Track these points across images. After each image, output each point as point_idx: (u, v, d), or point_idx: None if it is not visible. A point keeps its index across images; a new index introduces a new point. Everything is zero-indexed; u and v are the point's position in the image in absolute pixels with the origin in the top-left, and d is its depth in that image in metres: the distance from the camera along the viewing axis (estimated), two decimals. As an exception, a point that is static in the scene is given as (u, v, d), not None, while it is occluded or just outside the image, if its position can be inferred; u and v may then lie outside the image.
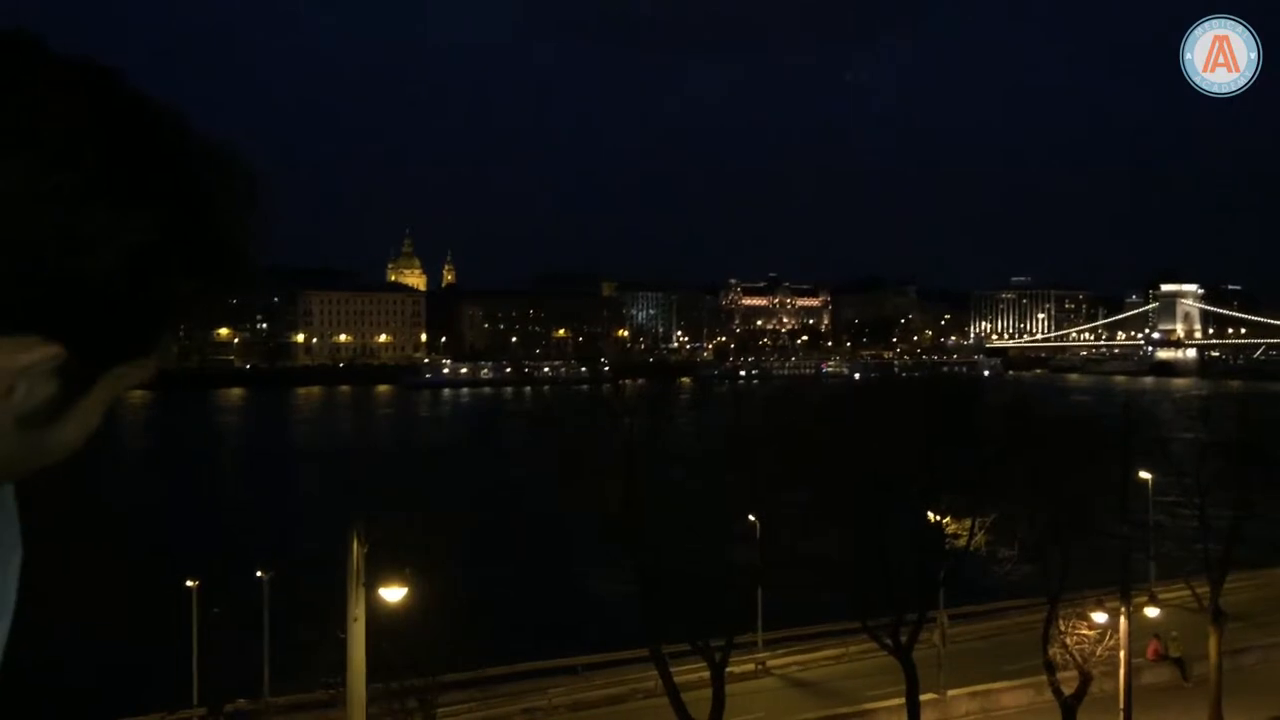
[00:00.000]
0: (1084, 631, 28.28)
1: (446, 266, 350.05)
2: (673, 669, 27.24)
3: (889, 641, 28.66)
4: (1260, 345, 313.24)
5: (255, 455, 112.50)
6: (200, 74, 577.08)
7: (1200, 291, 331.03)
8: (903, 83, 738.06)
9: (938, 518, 28.24)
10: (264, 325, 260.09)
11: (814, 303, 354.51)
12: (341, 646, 17.74)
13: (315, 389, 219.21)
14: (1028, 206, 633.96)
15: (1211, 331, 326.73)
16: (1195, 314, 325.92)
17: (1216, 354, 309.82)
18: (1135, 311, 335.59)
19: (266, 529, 57.38)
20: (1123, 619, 29.15)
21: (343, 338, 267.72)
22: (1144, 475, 37.21)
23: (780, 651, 36.44)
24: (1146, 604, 36.27)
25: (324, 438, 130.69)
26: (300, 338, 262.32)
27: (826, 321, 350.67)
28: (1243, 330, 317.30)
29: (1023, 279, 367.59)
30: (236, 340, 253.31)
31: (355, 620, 17.39)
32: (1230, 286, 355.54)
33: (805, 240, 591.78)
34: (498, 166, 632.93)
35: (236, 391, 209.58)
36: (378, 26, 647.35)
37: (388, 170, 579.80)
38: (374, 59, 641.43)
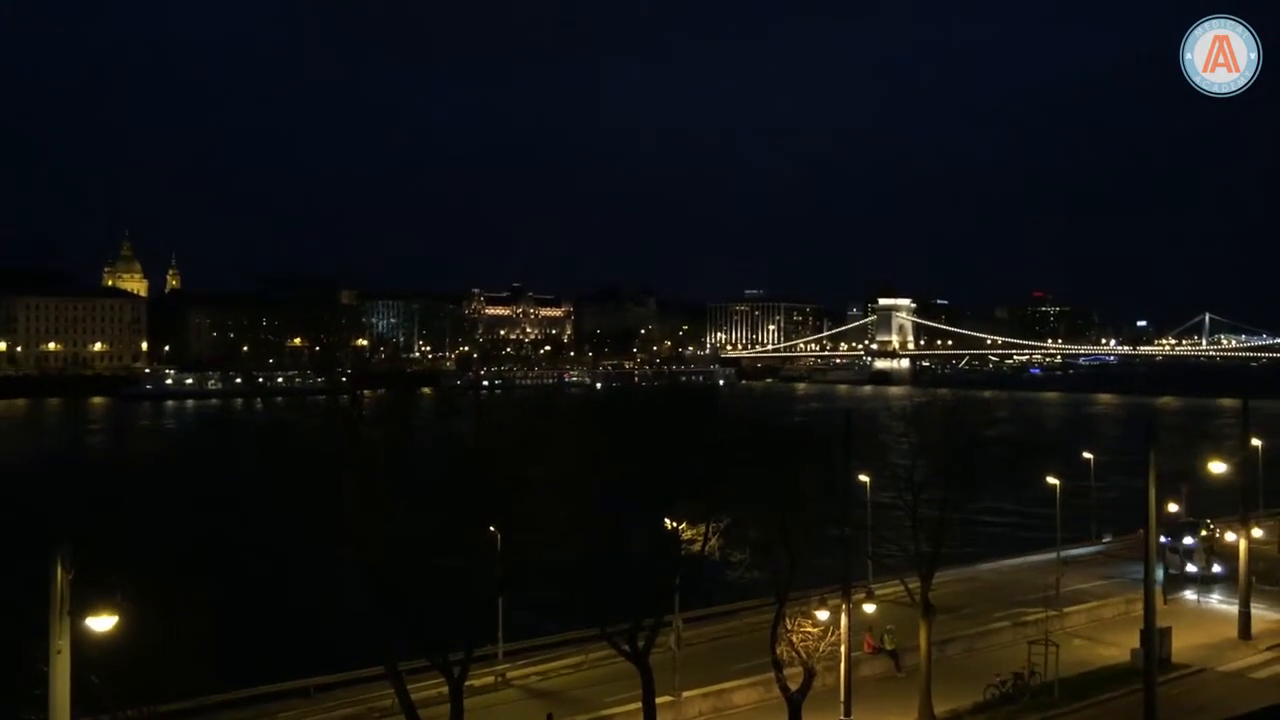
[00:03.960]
0: (808, 629, 29.61)
1: (171, 271, 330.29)
2: (410, 686, 26.66)
3: (626, 647, 29.11)
4: (964, 356, 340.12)
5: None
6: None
7: (913, 305, 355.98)
8: (635, 95, 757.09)
9: (673, 524, 28.92)
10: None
11: (556, 313, 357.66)
12: (44, 681, 16.36)
13: (20, 401, 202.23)
14: (764, 220, 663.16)
15: (923, 343, 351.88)
16: (909, 326, 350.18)
17: (927, 364, 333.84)
18: (856, 324, 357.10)
19: (-42, 555, 52.31)
20: (844, 615, 30.79)
21: (52, 346, 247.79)
22: (863, 478, 39.54)
23: (521, 662, 36.38)
24: (865, 600, 38.46)
25: (26, 454, 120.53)
26: (2, 346, 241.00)
27: (569, 331, 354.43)
28: (949, 342, 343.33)
29: (755, 292, 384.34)
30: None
31: (59, 653, 16.06)
32: (938, 301, 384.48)
33: (548, 251, 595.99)
34: (229, 167, 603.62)
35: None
36: (106, 10, 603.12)
37: (105, 166, 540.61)
38: (99, 43, 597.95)
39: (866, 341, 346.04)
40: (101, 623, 16.83)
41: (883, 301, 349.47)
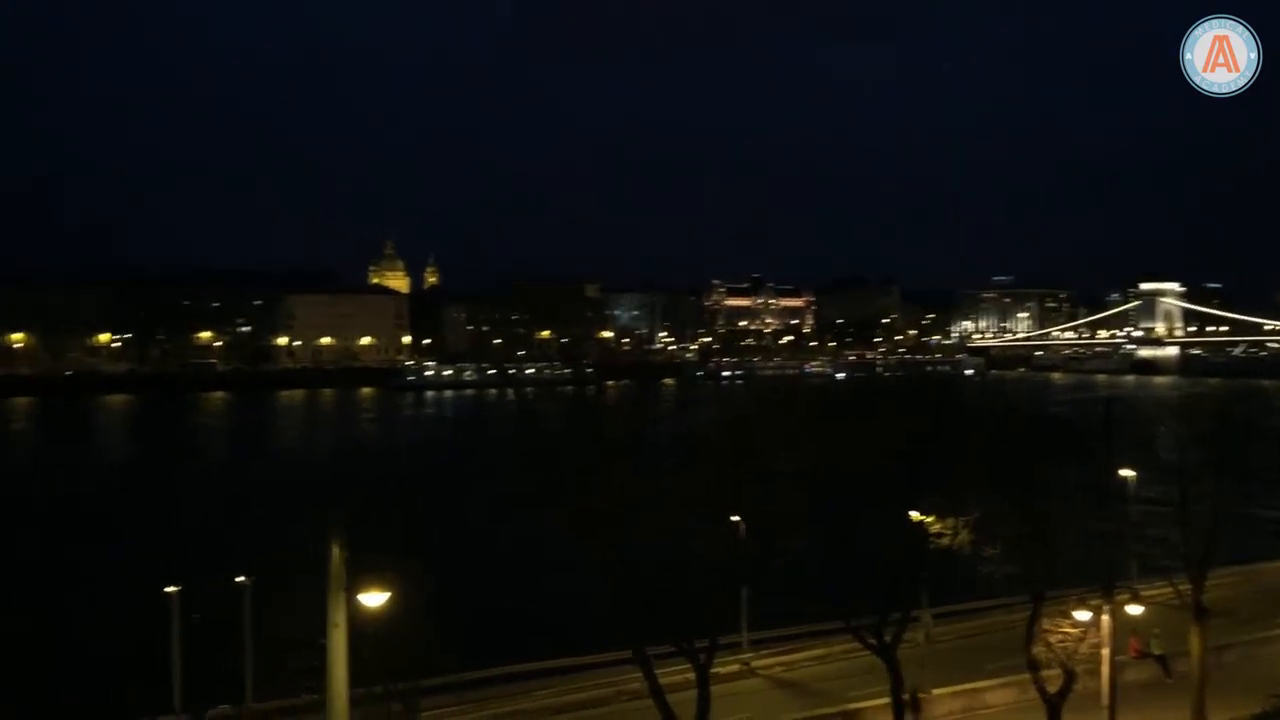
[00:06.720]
0: (1067, 630, 28.22)
1: (429, 268, 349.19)
2: (657, 671, 27.07)
3: (873, 641, 28.64)
4: (1240, 343, 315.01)
5: (237, 459, 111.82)
6: (166, 74, 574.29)
7: (1180, 290, 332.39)
8: (883, 84, 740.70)
9: (921, 516, 28.20)
10: (246, 328, 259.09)
11: (797, 303, 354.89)
12: (323, 653, 17.56)
13: (298, 392, 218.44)
14: (1011, 205, 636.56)
15: (1192, 329, 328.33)
16: (1176, 312, 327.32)
17: (1197, 352, 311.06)
18: (1116, 310, 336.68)
19: (248, 533, 56.96)
20: (1105, 617, 29.17)
21: (325, 340, 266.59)
22: (1126, 473, 37.36)
23: (765, 652, 36.40)
24: (1129, 601, 36.33)
25: (307, 440, 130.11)
26: (283, 340, 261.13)
27: (810, 321, 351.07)
28: (1223, 328, 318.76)
29: (1004, 278, 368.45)
30: (218, 344, 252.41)
31: (336, 627, 17.16)
32: (1210, 285, 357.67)
33: (788, 241, 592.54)
34: (481, 169, 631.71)
35: (218, 395, 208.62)
36: (364, 29, 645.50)
37: (371, 172, 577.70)
38: (353, 60, 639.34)
39: (1128, 329, 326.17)
40: (373, 599, 17.90)
41: (1145, 286, 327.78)
